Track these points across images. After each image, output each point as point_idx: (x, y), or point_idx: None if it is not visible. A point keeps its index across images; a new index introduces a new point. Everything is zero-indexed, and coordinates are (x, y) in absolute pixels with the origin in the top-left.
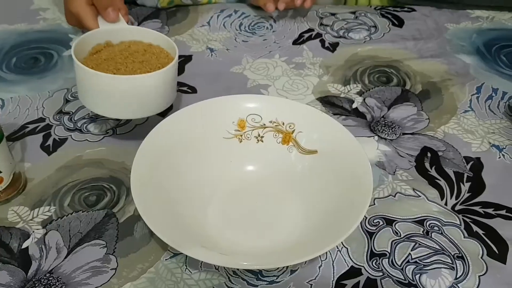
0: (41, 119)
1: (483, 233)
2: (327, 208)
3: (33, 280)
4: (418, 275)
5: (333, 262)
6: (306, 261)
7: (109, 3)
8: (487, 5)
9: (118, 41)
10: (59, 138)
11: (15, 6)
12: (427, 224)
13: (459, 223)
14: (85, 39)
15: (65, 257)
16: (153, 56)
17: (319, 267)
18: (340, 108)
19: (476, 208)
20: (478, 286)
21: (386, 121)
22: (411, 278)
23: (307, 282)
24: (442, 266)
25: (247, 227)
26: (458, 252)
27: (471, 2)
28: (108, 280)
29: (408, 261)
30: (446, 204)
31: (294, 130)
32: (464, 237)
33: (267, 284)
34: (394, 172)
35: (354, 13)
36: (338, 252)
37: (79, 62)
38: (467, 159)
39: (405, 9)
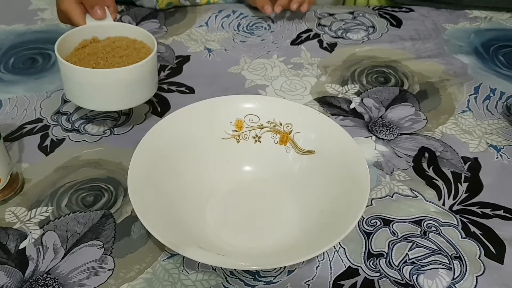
0: (39, 120)
1: (480, 234)
2: (324, 209)
3: (30, 280)
4: (416, 275)
5: (330, 262)
6: (303, 262)
7: (97, 1)
8: (485, 6)
9: (105, 37)
10: (56, 139)
11: (13, 6)
12: (425, 224)
13: (456, 223)
14: (71, 36)
15: (62, 258)
16: (134, 51)
17: (317, 267)
18: (338, 108)
19: (474, 208)
20: (476, 287)
21: (384, 122)
22: (409, 279)
23: (304, 283)
24: (440, 266)
25: (245, 228)
26: (455, 253)
27: (469, 2)
28: (105, 281)
29: (405, 262)
30: (443, 204)
31: (291, 130)
32: (461, 238)
33: (264, 284)
34: (391, 173)
35: (352, 13)
36: (336, 252)
37: (61, 57)
38: (465, 159)
39: (403, 9)
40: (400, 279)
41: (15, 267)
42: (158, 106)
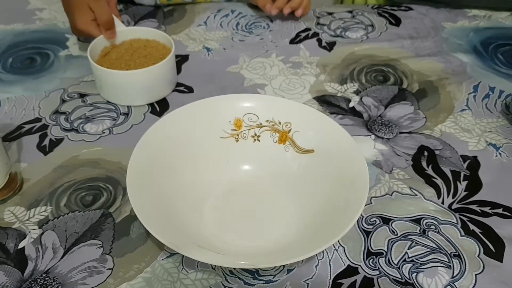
0: (37, 119)
1: (479, 232)
2: (323, 207)
3: (30, 280)
4: (415, 273)
5: (329, 261)
6: (302, 260)
7: (110, 24)
8: (483, 6)
9: (120, 41)
10: (55, 138)
11: (12, 6)
12: (424, 222)
13: (455, 221)
14: (95, 44)
15: (62, 257)
16: (153, 49)
17: (316, 266)
18: (337, 107)
19: (473, 206)
20: (475, 285)
21: (383, 120)
22: (408, 277)
23: (303, 281)
24: (439, 264)
25: (244, 226)
26: (454, 251)
27: (468, 2)
28: (105, 280)
29: (404, 260)
30: (443, 202)
31: (290, 129)
32: (460, 236)
33: (263, 283)
34: (391, 171)
35: (351, 12)
36: (335, 251)
37: (96, 64)
38: (464, 157)
39: (402, 8)
40: (400, 277)
41: (14, 266)
42: (157, 106)
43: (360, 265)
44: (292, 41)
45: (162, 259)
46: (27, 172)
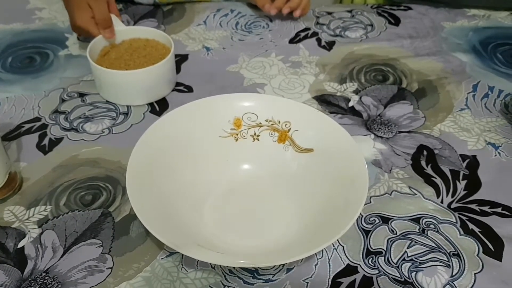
0: (37, 119)
1: (479, 231)
2: (322, 206)
3: (29, 279)
4: (414, 272)
5: (329, 260)
6: (302, 259)
7: (108, 23)
8: (483, 5)
9: (120, 40)
10: (55, 138)
11: (11, 5)
12: (423, 222)
13: (455, 221)
14: (95, 44)
15: (61, 257)
16: (153, 49)
17: (315, 265)
18: (336, 106)
19: (472, 206)
20: (474, 284)
21: (382, 120)
22: (407, 276)
23: (303, 280)
24: (438, 263)
25: (243, 226)
26: (454, 250)
27: (467, 2)
28: (104, 279)
29: (404, 259)
30: (442, 202)
31: (290, 128)
32: (460, 235)
33: (263, 282)
34: (390, 170)
35: (350, 11)
36: (334, 250)
37: (96, 64)
38: (463, 157)
39: (402, 7)
40: (399, 276)
41: (14, 266)
42: (157, 105)
43: (359, 264)
44: (291, 41)
45: (162, 258)
46: (27, 172)
